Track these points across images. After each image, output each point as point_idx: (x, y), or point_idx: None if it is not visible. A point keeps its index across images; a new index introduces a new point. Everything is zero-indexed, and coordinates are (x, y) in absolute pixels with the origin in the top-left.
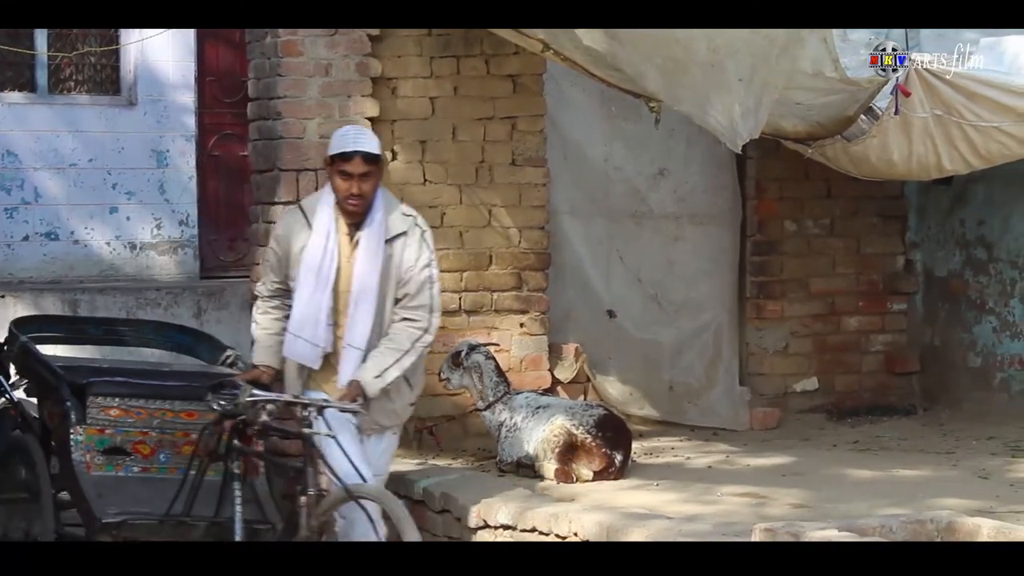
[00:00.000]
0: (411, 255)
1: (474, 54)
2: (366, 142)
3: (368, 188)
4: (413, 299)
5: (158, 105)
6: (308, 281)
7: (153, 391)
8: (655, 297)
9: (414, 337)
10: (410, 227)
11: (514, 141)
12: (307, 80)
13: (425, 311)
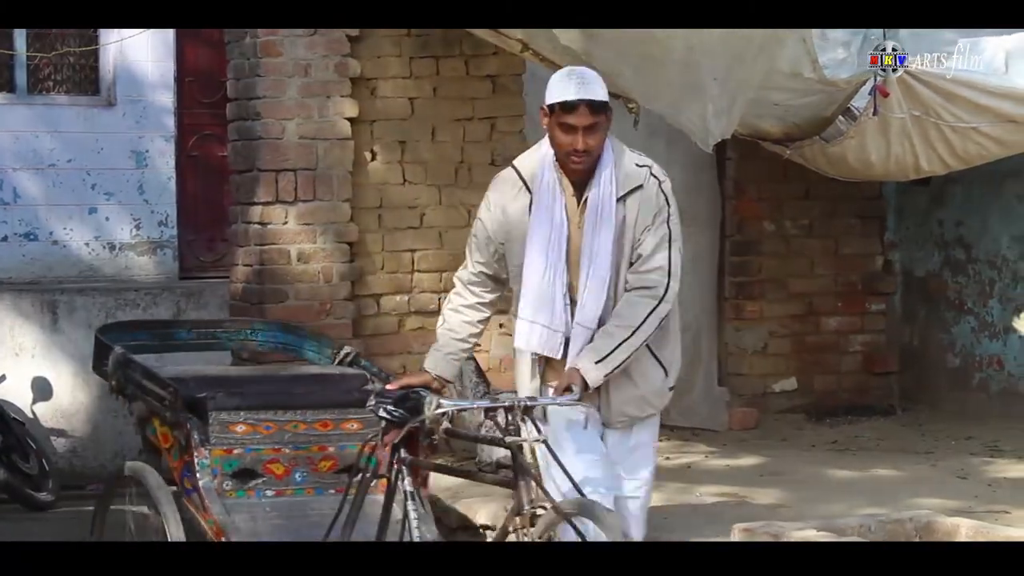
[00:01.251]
0: (647, 211)
1: (453, 55)
2: (592, 88)
3: (595, 142)
4: (647, 261)
5: (137, 105)
6: (538, 255)
7: (282, 401)
8: None
9: (648, 308)
10: (645, 179)
11: (493, 141)
12: (286, 80)
13: (660, 274)
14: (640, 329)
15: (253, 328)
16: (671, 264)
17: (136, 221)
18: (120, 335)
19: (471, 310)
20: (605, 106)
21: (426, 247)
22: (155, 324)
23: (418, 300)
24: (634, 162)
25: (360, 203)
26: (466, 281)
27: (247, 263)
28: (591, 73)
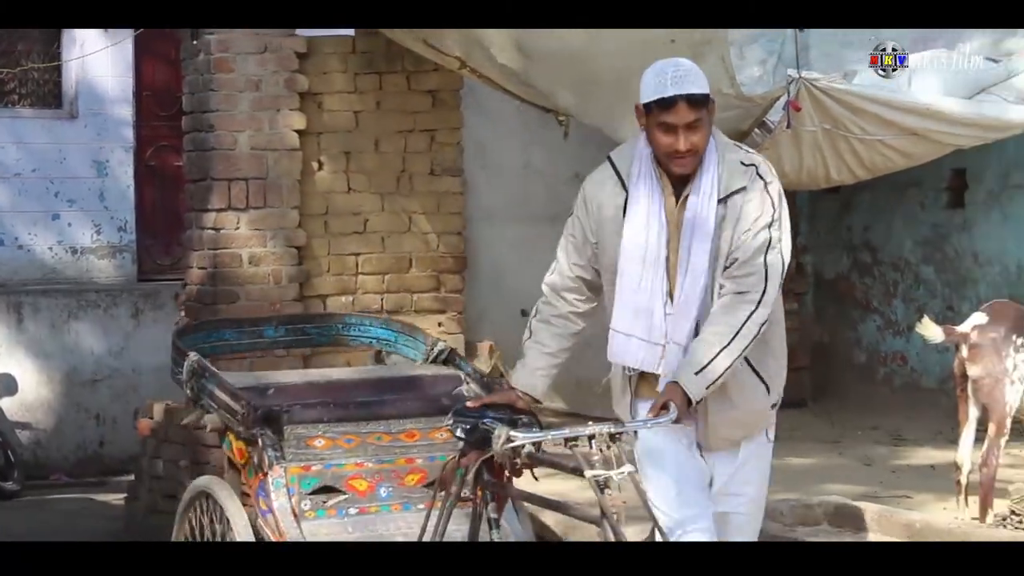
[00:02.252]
0: (749, 213)
1: (395, 71)
2: (690, 80)
3: (698, 140)
4: (743, 266)
5: (98, 118)
6: (634, 260)
7: (364, 412)
8: None
9: (745, 312)
10: (750, 180)
11: (433, 152)
12: (238, 95)
13: (758, 279)
14: (739, 335)
15: (346, 322)
16: (768, 268)
17: (97, 227)
18: (200, 336)
19: (563, 320)
20: (707, 99)
21: (369, 251)
22: (241, 322)
23: (361, 301)
24: (740, 160)
25: (307, 210)
26: (559, 288)
27: (201, 266)
28: (687, 64)
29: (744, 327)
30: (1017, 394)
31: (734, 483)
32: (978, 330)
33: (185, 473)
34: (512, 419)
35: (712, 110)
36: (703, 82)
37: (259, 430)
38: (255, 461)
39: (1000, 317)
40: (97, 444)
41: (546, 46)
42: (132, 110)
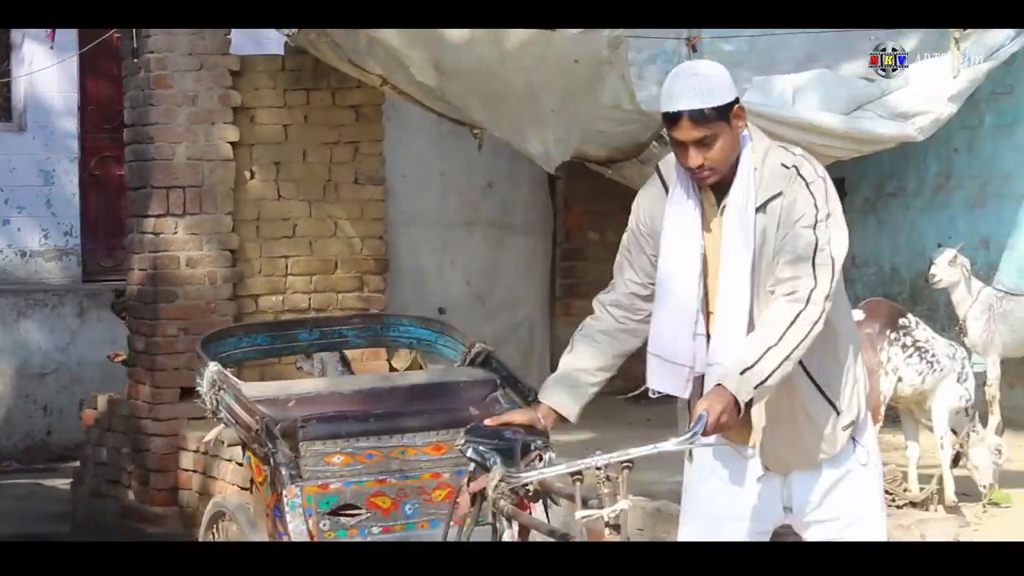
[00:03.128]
0: (791, 217)
1: (322, 87)
2: (693, 93)
3: (715, 155)
4: (789, 267)
5: (45, 130)
6: (668, 276)
7: (387, 424)
8: (480, 296)
9: (792, 312)
10: (789, 181)
11: (356, 163)
12: (176, 109)
13: (806, 280)
14: (787, 335)
15: (385, 323)
16: (816, 270)
17: (44, 231)
18: (231, 342)
19: (608, 338)
20: (719, 112)
21: (298, 254)
22: (273, 326)
23: (291, 300)
24: (780, 162)
25: (240, 216)
26: (609, 303)
27: (142, 268)
28: (696, 74)
29: (793, 325)
30: (891, 384)
31: (824, 509)
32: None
33: (126, 459)
34: (526, 443)
35: (733, 119)
36: (716, 93)
37: (272, 447)
38: (270, 479)
39: (875, 314)
40: (44, 433)
41: (460, 65)
42: (77, 123)
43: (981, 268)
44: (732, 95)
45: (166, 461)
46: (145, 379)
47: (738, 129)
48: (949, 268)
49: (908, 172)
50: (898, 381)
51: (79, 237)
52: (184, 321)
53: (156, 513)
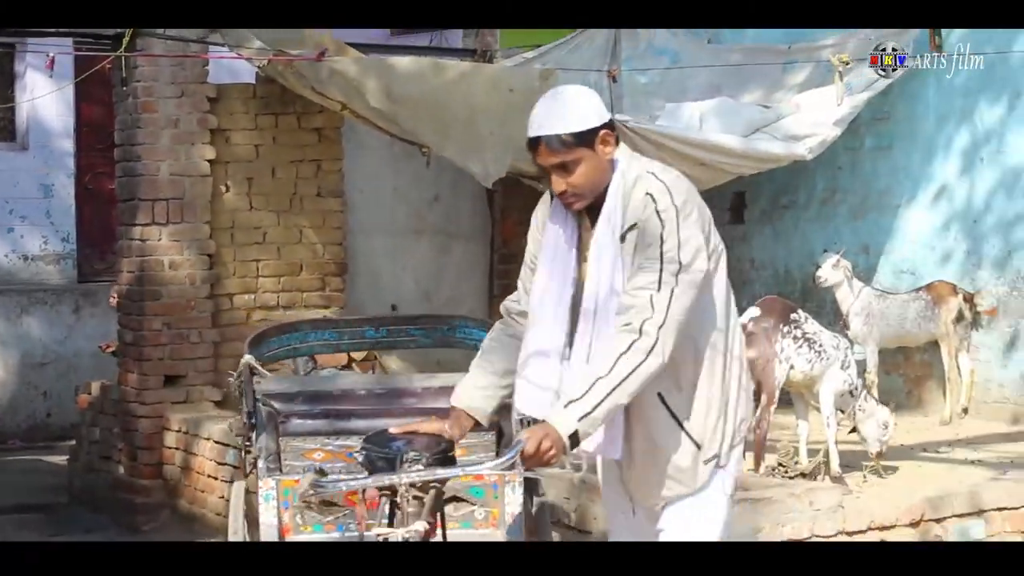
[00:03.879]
0: (642, 243)
1: (288, 112)
2: (554, 120)
3: (577, 181)
4: (629, 296)
5: (45, 150)
6: (539, 292)
7: (370, 423)
8: (427, 295)
9: (625, 342)
10: (643, 211)
11: (319, 178)
12: (160, 131)
13: (642, 310)
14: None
15: (451, 325)
16: (653, 301)
17: (44, 238)
18: (297, 336)
19: (516, 342)
20: (579, 137)
21: (267, 258)
22: (339, 323)
23: (261, 298)
24: (644, 190)
25: (217, 225)
26: (515, 311)
27: (130, 270)
28: (561, 96)
29: (624, 356)
30: (783, 371)
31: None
32: (753, 321)
33: (117, 438)
34: (403, 453)
35: (604, 142)
36: (574, 119)
37: (247, 441)
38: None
39: (770, 311)
40: (44, 415)
41: (410, 93)
42: (73, 143)
43: (862, 270)
44: (596, 120)
45: (152, 440)
46: (133, 368)
47: (604, 155)
48: (833, 271)
49: (799, 187)
50: (790, 368)
51: (75, 243)
52: (167, 317)
53: (143, 485)
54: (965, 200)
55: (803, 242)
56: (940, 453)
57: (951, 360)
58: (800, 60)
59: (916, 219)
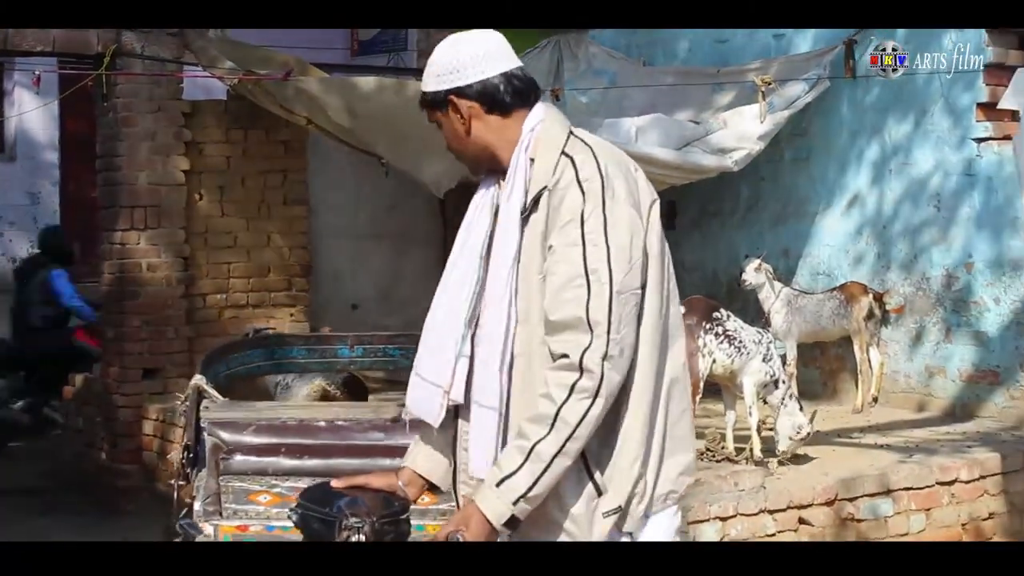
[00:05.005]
0: (555, 222)
1: (257, 126)
2: (427, 76)
3: (450, 141)
4: (554, 310)
5: (32, 161)
6: (446, 275)
7: (323, 463)
8: (386, 295)
9: (560, 396)
10: (560, 174)
11: (285, 187)
12: (139, 143)
13: (578, 333)
14: (558, 422)
15: None
16: (589, 314)
17: (31, 242)
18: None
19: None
20: (431, 99)
21: (238, 261)
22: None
23: (232, 297)
24: (559, 150)
25: (192, 230)
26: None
27: (111, 272)
28: (435, 55)
29: (566, 406)
30: (706, 365)
31: None
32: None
33: (99, 427)
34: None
35: (455, 109)
36: (430, 78)
37: (181, 478)
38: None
39: (694, 309)
40: None
41: (370, 110)
42: (58, 154)
43: (782, 272)
44: (444, 84)
45: (131, 428)
46: (114, 362)
47: (459, 123)
48: (756, 273)
49: (725, 196)
50: (712, 362)
51: None
52: (146, 315)
53: (124, 469)
54: (875, 208)
55: (729, 246)
56: (853, 439)
57: (862, 354)
58: (727, 82)
59: (831, 225)
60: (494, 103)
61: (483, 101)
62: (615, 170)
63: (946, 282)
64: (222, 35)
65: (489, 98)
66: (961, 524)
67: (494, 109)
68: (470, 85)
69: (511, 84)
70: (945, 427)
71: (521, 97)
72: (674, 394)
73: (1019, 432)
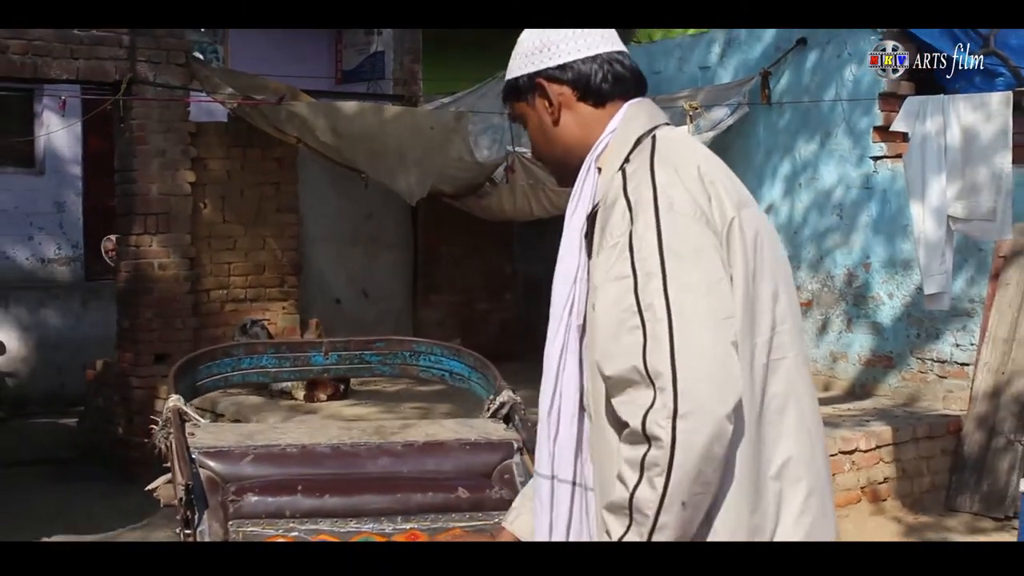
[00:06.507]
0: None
1: (254, 145)
2: (511, 66)
3: (535, 141)
4: (607, 363)
5: (59, 174)
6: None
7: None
8: (364, 292)
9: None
10: (610, 189)
11: (278, 198)
12: (151, 159)
13: (638, 390)
14: (633, 525)
15: (414, 351)
16: (647, 357)
17: (58, 245)
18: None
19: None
20: (512, 88)
21: (237, 261)
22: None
23: (232, 293)
24: (624, 155)
25: (197, 234)
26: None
27: (127, 271)
28: (528, 31)
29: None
30: None
31: None
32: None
33: (117, 405)
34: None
35: (539, 94)
36: (513, 65)
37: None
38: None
39: None
40: (58, 386)
41: (351, 130)
42: (81, 169)
43: None
44: (532, 65)
45: (144, 406)
46: (130, 348)
47: (547, 112)
48: None
49: None
50: None
51: (83, 249)
52: (157, 308)
53: (138, 442)
54: (787, 216)
55: None
56: None
57: None
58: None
59: None
60: (588, 88)
61: (576, 85)
62: (674, 176)
63: (847, 280)
64: (223, 66)
65: (584, 82)
66: (860, 487)
67: (588, 96)
68: (562, 65)
69: (611, 67)
70: (847, 404)
71: (621, 85)
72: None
73: (909, 408)
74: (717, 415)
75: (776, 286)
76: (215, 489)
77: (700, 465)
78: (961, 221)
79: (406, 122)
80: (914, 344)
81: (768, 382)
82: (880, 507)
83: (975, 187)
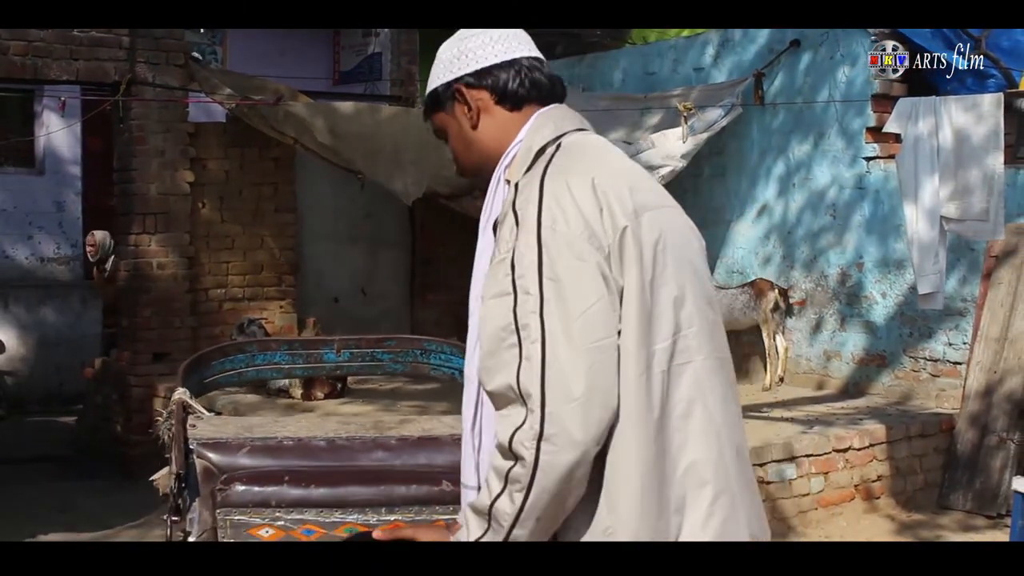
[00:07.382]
0: (491, 268)
1: (252, 145)
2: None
3: (455, 146)
4: (486, 379)
5: (58, 174)
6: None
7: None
8: (363, 290)
9: (495, 487)
10: (507, 206)
11: (276, 197)
12: (150, 159)
13: (512, 407)
14: (489, 530)
15: (425, 349)
16: (520, 377)
17: (57, 244)
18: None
19: None
20: (431, 99)
21: (236, 260)
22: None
23: (231, 292)
24: (527, 165)
25: (196, 233)
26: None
27: (126, 270)
28: (445, 44)
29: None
30: None
31: None
32: None
33: (115, 403)
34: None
35: (459, 101)
36: (442, 70)
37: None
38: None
39: None
40: (57, 385)
41: (349, 131)
42: (80, 169)
43: None
44: (450, 74)
45: (143, 404)
46: (128, 347)
47: (466, 118)
48: None
49: None
50: None
51: (81, 248)
52: (156, 307)
53: (136, 440)
54: (781, 216)
55: None
56: (762, 413)
57: (770, 340)
58: (654, 107)
59: (743, 231)
60: (506, 92)
61: (494, 89)
62: (563, 190)
63: (841, 279)
64: (221, 67)
65: (502, 85)
66: (854, 485)
67: (505, 100)
68: (479, 71)
69: (529, 72)
70: (840, 403)
71: (538, 89)
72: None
73: (902, 407)
74: (579, 441)
75: (682, 290)
76: (209, 479)
77: (559, 486)
78: (954, 221)
79: (402, 123)
80: (907, 343)
81: (671, 388)
82: (873, 505)
83: (967, 188)
